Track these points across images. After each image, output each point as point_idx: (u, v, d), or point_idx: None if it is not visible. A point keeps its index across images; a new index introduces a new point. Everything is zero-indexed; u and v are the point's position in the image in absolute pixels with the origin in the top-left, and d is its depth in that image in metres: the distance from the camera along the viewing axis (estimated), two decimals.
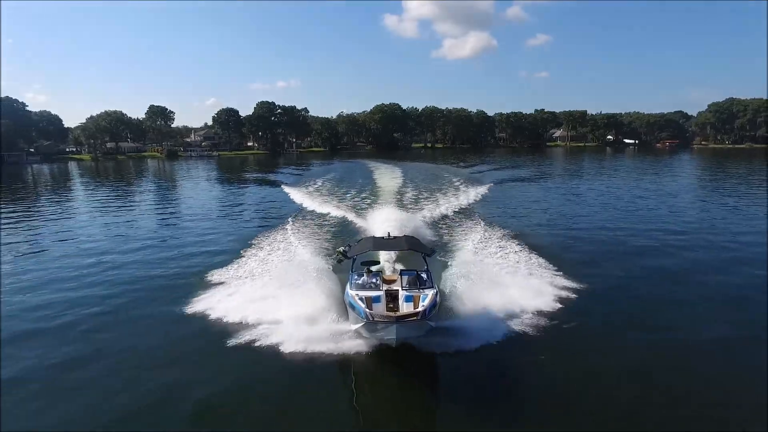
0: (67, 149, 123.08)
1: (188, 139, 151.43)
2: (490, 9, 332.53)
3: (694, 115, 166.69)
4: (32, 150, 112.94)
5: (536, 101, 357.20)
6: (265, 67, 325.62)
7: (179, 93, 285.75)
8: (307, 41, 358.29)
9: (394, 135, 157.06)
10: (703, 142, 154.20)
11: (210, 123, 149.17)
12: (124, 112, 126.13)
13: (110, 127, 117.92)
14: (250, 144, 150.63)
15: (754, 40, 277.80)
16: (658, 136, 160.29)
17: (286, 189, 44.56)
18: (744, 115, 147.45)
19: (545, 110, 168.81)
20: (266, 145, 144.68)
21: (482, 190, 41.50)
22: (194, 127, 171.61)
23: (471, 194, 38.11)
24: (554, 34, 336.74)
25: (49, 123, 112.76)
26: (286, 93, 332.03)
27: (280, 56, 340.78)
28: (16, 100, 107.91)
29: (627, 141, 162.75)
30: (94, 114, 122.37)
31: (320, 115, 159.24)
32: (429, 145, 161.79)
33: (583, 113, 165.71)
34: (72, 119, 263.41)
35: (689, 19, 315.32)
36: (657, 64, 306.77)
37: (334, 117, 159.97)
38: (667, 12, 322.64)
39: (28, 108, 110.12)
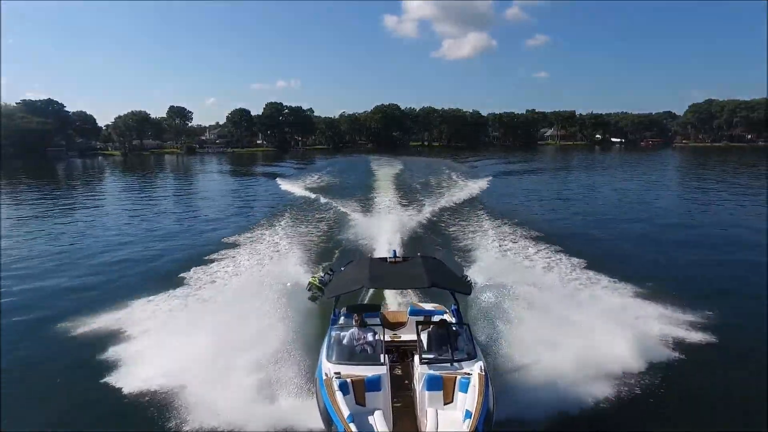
0: (98, 146, 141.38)
1: (203, 137, 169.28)
2: (489, 10, 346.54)
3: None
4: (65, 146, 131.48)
5: (536, 101, 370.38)
6: (265, 66, 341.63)
7: (179, 93, 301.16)
8: (307, 41, 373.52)
9: (394, 134, 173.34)
10: (684, 141, 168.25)
11: (216, 122, 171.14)
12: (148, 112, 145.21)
13: (137, 126, 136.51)
14: (259, 141, 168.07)
15: (755, 40, 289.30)
16: (643, 135, 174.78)
17: (291, 180, 46.98)
18: (721, 115, 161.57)
19: (536, 110, 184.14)
20: (274, 143, 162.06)
21: (483, 182, 41.54)
22: (202, 125, 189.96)
23: (473, 186, 38.20)
24: (553, 34, 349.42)
25: (85, 122, 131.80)
26: (286, 93, 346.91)
27: (280, 56, 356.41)
28: (56, 102, 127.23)
29: (613, 140, 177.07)
30: (122, 113, 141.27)
31: (321, 114, 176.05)
32: (426, 143, 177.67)
33: (572, 113, 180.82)
34: None
35: (688, 20, 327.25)
36: (657, 64, 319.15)
37: (337, 116, 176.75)
38: (666, 12, 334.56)
39: (66, 109, 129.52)
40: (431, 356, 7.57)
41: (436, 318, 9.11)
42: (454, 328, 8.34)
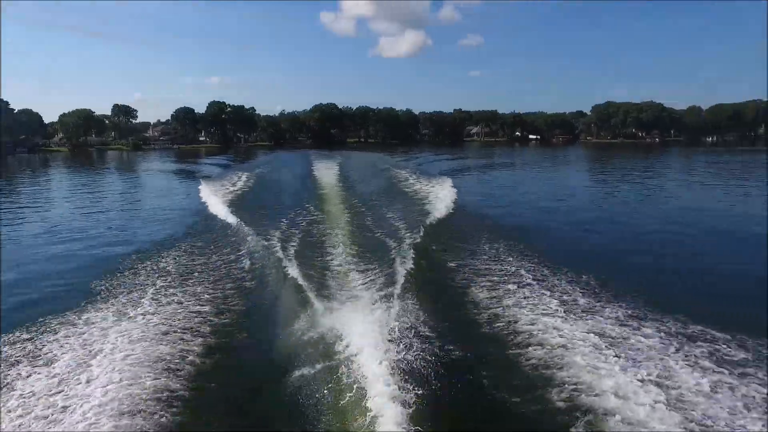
0: (40, 143, 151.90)
1: (146, 134, 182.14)
2: (425, 9, 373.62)
3: None
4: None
5: (468, 98, 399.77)
6: (196, 62, 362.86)
7: (106, 89, 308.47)
8: (241, 38, 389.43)
9: (332, 131, 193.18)
10: (587, 138, 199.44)
11: (158, 119, 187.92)
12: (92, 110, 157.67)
13: (82, 123, 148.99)
14: (202, 138, 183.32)
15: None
16: (554, 132, 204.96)
17: (216, 183, 40.73)
18: (617, 115, 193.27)
19: (462, 110, 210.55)
20: (217, 140, 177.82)
21: (447, 185, 34.44)
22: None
23: (443, 192, 31.01)
24: (485, 34, 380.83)
25: (30, 119, 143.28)
26: (220, 89, 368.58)
27: (212, 51, 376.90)
28: (1, 99, 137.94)
29: (530, 137, 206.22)
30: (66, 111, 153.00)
31: (261, 111, 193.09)
32: (362, 140, 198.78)
33: (494, 113, 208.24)
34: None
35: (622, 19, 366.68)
36: (578, 65, 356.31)
37: (277, 114, 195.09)
38: (593, 14, 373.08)
39: (10, 106, 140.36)
40: None
41: None
42: None
